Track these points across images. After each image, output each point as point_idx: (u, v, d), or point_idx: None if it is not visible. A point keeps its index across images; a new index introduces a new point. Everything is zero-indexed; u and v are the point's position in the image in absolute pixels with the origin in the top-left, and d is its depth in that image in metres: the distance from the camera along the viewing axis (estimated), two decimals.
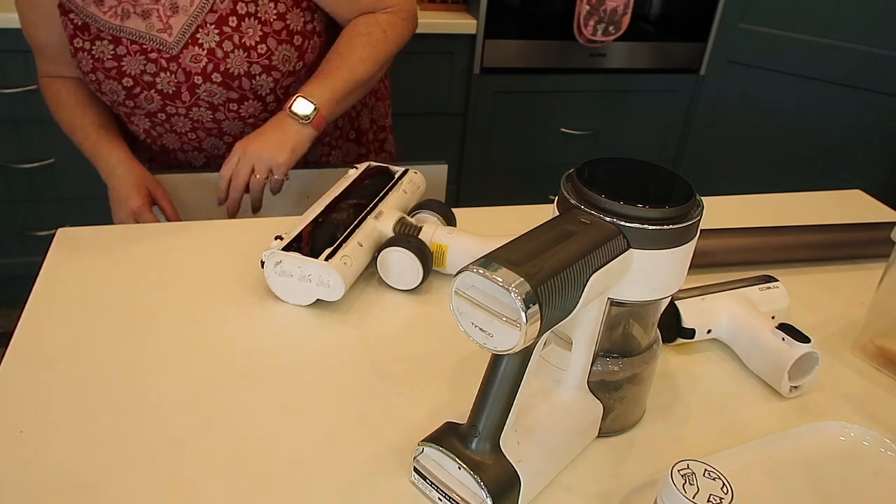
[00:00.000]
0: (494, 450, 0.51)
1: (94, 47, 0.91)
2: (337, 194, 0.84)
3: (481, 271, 0.45)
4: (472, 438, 0.52)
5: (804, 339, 0.66)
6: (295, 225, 0.78)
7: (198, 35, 0.90)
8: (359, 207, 0.83)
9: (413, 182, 0.90)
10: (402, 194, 0.86)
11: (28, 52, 1.67)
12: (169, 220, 0.98)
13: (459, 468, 0.51)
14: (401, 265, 0.77)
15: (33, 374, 0.63)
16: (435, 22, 1.90)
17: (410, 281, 0.78)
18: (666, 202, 0.51)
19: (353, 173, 0.89)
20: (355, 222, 0.79)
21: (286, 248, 0.74)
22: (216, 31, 0.90)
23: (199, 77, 0.92)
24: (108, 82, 0.93)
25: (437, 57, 1.98)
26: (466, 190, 2.22)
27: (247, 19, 0.91)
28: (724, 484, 0.46)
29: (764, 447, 0.61)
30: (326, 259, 0.72)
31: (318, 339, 0.71)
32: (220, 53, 0.91)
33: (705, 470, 0.47)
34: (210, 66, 0.91)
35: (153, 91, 0.93)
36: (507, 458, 0.51)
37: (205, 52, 0.91)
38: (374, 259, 0.79)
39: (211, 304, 0.74)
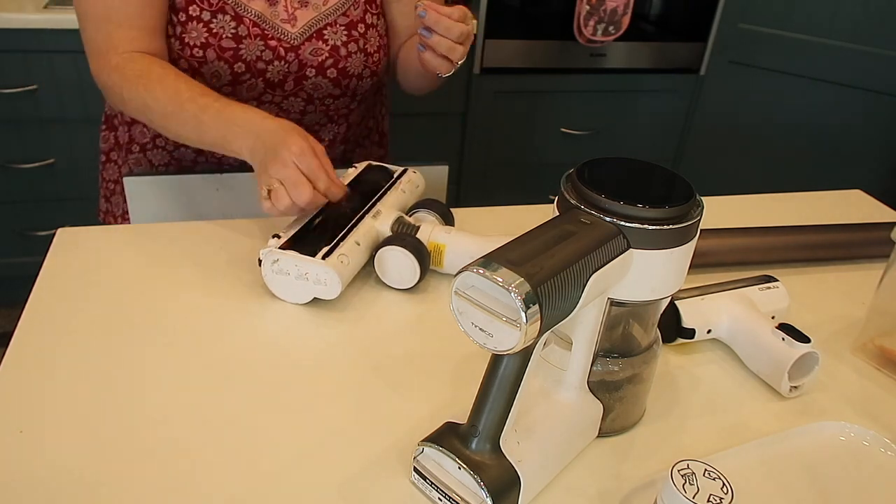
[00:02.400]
0: (494, 450, 0.51)
1: (214, 20, 0.86)
2: None
3: (481, 271, 0.45)
4: (472, 438, 0.52)
5: (804, 339, 0.66)
6: (293, 223, 0.78)
7: (324, 31, 0.93)
8: (357, 206, 0.83)
9: (412, 181, 0.89)
10: (401, 193, 0.86)
11: (27, 53, 1.70)
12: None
13: (459, 468, 0.51)
14: (398, 264, 0.77)
15: (33, 374, 0.63)
16: None
17: (408, 280, 0.78)
18: (666, 202, 0.51)
19: (351, 172, 0.89)
20: (353, 221, 0.79)
21: (284, 247, 0.74)
22: (345, 32, 0.94)
23: (313, 70, 0.94)
24: (215, 63, 0.87)
25: None
26: (466, 190, 2.22)
27: (371, 29, 0.98)
28: (724, 484, 0.46)
29: (764, 447, 0.61)
30: (323, 258, 0.72)
31: (316, 337, 0.71)
32: (343, 52, 0.95)
33: (705, 470, 0.47)
34: (329, 62, 0.94)
35: (260, 80, 0.92)
36: (507, 458, 0.51)
37: (328, 47, 0.94)
38: (371, 258, 0.79)
39: (210, 304, 0.74)
